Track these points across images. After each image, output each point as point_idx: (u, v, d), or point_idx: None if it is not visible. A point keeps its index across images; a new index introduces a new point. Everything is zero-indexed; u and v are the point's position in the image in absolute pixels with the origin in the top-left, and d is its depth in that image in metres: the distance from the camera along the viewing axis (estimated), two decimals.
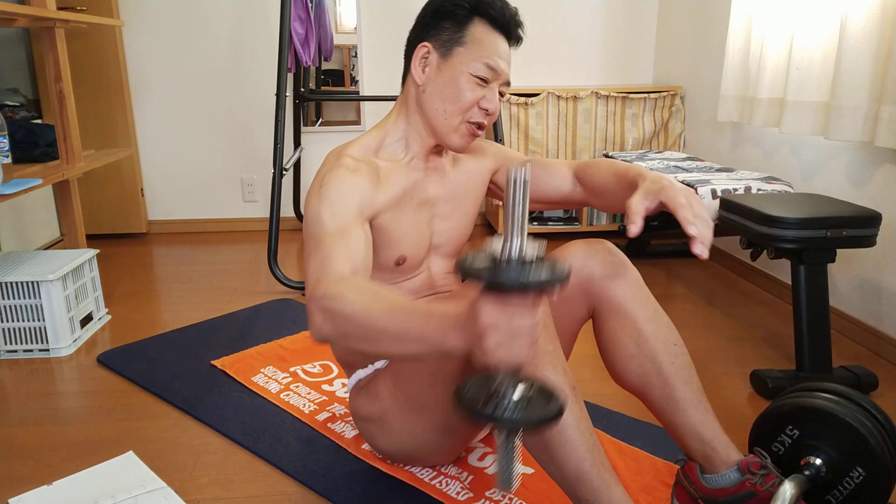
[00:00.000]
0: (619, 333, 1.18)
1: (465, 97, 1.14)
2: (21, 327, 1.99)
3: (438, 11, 1.15)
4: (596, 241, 1.21)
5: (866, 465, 1.11)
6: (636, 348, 1.17)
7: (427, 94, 1.17)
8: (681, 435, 1.16)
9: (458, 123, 1.17)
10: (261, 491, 1.35)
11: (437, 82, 1.16)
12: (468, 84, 1.14)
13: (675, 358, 1.16)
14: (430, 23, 1.17)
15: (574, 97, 3.18)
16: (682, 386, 1.15)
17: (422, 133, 1.22)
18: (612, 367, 1.22)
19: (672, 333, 1.19)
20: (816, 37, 2.07)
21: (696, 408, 1.15)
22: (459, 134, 1.18)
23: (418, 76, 1.18)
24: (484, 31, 1.14)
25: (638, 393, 1.20)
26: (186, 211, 3.51)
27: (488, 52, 1.14)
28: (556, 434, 0.98)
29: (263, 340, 2.04)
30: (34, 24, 2.20)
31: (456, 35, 1.14)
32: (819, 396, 1.16)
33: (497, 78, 1.16)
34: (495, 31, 1.15)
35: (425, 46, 1.16)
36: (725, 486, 1.11)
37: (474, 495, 1.29)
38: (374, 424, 1.27)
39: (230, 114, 3.40)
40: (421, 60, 1.17)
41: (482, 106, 1.16)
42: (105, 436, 1.56)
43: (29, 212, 2.94)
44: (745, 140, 2.71)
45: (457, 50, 1.14)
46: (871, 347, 2.01)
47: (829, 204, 1.80)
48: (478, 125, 1.18)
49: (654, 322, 1.17)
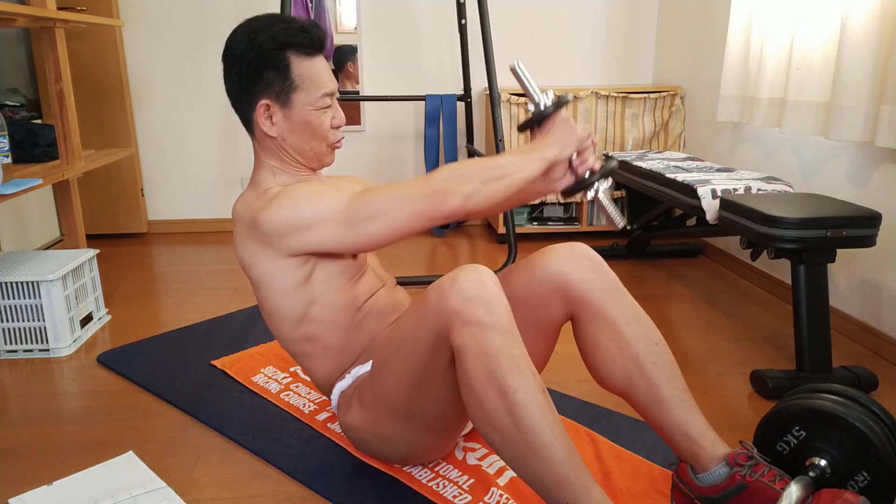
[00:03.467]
0: (599, 337, 1.19)
1: (322, 129, 1.25)
2: (21, 327, 1.99)
3: (255, 63, 1.19)
4: (573, 244, 1.23)
5: (872, 469, 1.10)
6: (618, 351, 1.18)
7: (288, 141, 1.25)
8: (668, 434, 1.17)
9: (325, 148, 1.28)
10: (261, 491, 1.35)
11: (292, 129, 1.24)
12: (317, 117, 1.23)
13: (657, 357, 1.18)
14: (251, 76, 1.20)
15: (574, 97, 3.18)
16: (665, 385, 1.16)
17: (299, 163, 1.29)
18: (594, 371, 1.23)
19: (653, 333, 1.20)
20: (816, 37, 2.07)
21: (680, 406, 1.16)
22: (329, 154, 1.30)
23: (269, 130, 1.24)
24: (304, 64, 1.20)
25: (623, 394, 1.20)
26: (186, 211, 3.51)
27: (319, 83, 1.21)
28: (532, 441, 0.98)
29: (263, 340, 2.04)
30: (34, 24, 2.20)
31: (286, 83, 1.20)
32: (827, 398, 1.16)
33: (334, 95, 1.25)
34: (312, 57, 1.21)
35: (265, 104, 1.21)
36: (717, 483, 1.12)
37: (473, 497, 1.29)
38: (364, 433, 1.28)
39: (230, 114, 3.38)
40: (265, 118, 1.23)
41: (334, 126, 1.26)
42: (105, 436, 1.56)
43: (29, 212, 2.94)
44: (745, 140, 2.71)
45: (294, 96, 1.21)
46: (871, 347, 2.01)
47: (829, 204, 1.80)
48: (337, 141, 1.28)
49: (634, 323, 1.19)
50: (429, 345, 1.08)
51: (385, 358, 1.18)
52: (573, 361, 1.78)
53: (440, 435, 1.27)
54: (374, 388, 1.21)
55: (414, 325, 1.11)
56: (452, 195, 1.09)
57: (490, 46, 2.70)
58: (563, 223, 3.38)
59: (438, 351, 1.08)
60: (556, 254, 1.22)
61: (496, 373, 0.99)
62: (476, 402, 1.01)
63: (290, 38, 1.18)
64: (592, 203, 3.36)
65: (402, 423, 1.21)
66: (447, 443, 1.33)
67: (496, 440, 1.01)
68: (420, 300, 1.11)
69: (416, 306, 1.12)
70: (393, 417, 1.21)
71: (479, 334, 1.00)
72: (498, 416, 0.99)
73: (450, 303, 1.02)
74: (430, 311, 1.06)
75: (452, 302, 1.02)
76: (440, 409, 1.17)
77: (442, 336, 1.05)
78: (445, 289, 1.04)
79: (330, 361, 1.30)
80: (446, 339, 1.05)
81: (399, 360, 1.14)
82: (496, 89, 2.75)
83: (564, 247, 1.23)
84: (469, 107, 3.26)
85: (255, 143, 1.29)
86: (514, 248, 2.75)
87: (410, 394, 1.15)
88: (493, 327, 1.00)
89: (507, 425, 0.99)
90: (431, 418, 1.20)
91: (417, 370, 1.12)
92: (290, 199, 1.16)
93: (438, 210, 1.09)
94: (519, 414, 0.98)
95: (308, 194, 1.17)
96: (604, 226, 3.36)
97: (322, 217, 1.14)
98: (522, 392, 0.98)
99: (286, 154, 1.27)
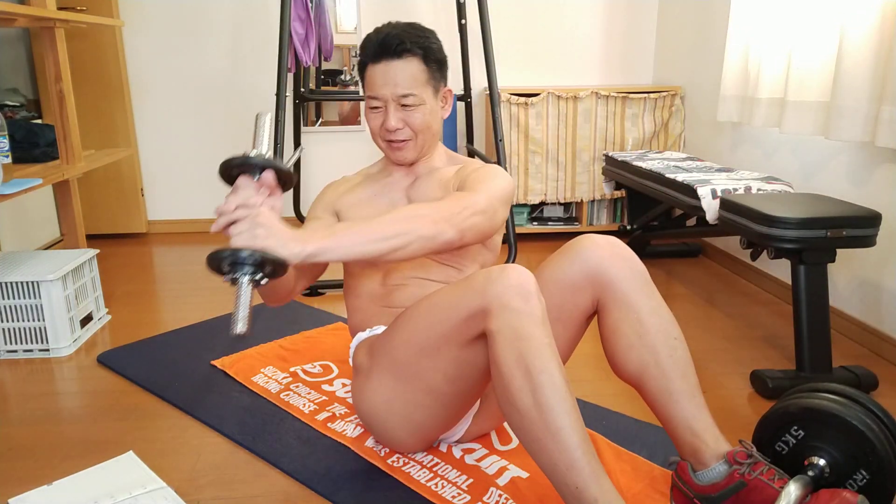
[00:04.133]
0: (621, 323, 1.22)
1: (372, 125, 1.41)
2: (21, 327, 1.99)
3: (357, 67, 1.45)
4: (610, 237, 1.28)
5: (870, 468, 1.11)
6: (637, 339, 1.20)
7: None
8: (673, 427, 1.18)
9: (382, 143, 1.42)
10: (261, 491, 1.35)
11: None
12: (370, 115, 1.40)
13: (674, 351, 1.19)
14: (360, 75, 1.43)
15: (574, 97, 3.18)
16: (678, 379, 1.18)
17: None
18: (611, 357, 1.25)
19: (673, 328, 1.22)
20: (817, 37, 2.07)
21: (689, 400, 1.17)
22: (388, 150, 1.43)
23: None
24: (368, 71, 1.38)
25: (635, 383, 1.22)
26: (186, 211, 3.51)
27: (370, 87, 1.38)
28: (550, 422, 1.02)
29: (263, 340, 2.04)
30: (34, 24, 2.20)
31: (362, 83, 1.41)
32: (825, 397, 1.16)
33: (386, 102, 1.36)
34: (375, 65, 1.36)
35: None
36: (716, 481, 1.12)
37: (472, 497, 1.29)
38: (361, 378, 1.34)
39: (230, 114, 3.40)
40: None
41: (384, 127, 1.38)
42: (105, 436, 1.56)
43: (29, 212, 2.94)
44: (745, 140, 2.71)
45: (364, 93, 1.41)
46: (871, 347, 2.01)
47: (829, 204, 1.80)
48: (391, 141, 1.40)
49: (656, 315, 1.22)
50: (459, 320, 1.14)
51: (409, 316, 1.24)
52: (573, 361, 1.78)
53: (425, 416, 1.29)
54: (387, 338, 1.28)
55: (451, 298, 1.16)
56: None
57: (490, 46, 2.70)
58: (563, 223, 3.38)
59: (464, 329, 1.14)
60: (592, 241, 1.26)
61: (525, 354, 1.04)
62: (502, 382, 1.06)
63: (363, 51, 1.38)
64: (592, 203, 3.36)
65: (394, 382, 1.26)
66: (429, 432, 1.34)
67: (516, 420, 1.06)
68: (465, 280, 1.17)
69: (459, 284, 1.17)
70: (389, 373, 1.26)
71: (515, 319, 1.06)
72: (521, 396, 1.04)
73: (495, 287, 1.09)
74: (473, 291, 1.12)
75: (497, 287, 1.09)
76: (436, 383, 1.21)
77: (476, 317, 1.11)
78: (494, 274, 1.11)
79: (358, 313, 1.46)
80: (478, 321, 1.11)
81: (422, 322, 1.20)
82: (496, 89, 2.75)
83: (601, 237, 1.28)
84: (469, 107, 3.26)
85: None
86: (515, 247, 2.74)
87: (415, 356, 1.21)
88: (529, 315, 1.07)
89: (528, 405, 1.03)
90: (423, 390, 1.23)
91: (434, 337, 1.18)
92: None
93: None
94: (540, 394, 1.03)
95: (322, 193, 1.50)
96: (604, 226, 3.36)
97: None
98: (547, 374, 1.03)
99: None
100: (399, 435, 1.34)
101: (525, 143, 3.22)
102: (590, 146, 3.26)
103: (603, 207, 3.38)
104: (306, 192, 3.42)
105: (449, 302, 1.17)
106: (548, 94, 3.17)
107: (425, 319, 1.20)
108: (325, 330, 2.15)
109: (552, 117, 3.21)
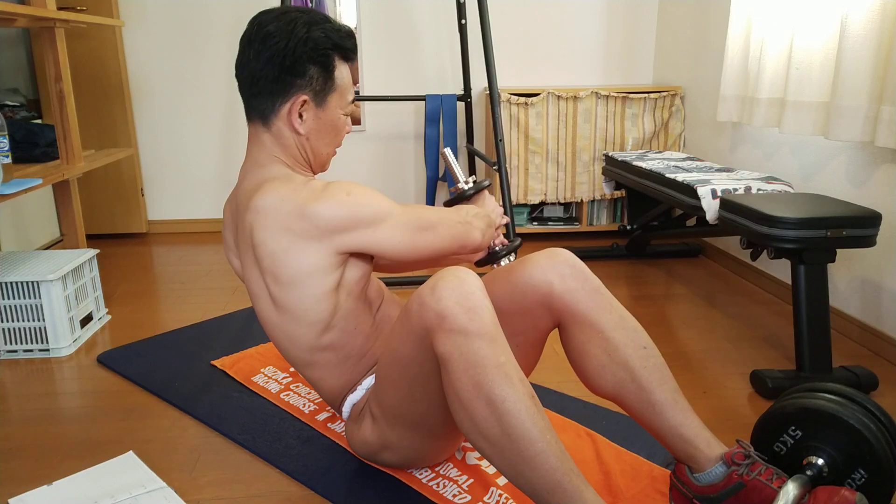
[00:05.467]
0: (587, 345, 1.18)
1: (342, 133, 1.27)
2: (21, 327, 1.99)
3: (303, 56, 1.16)
4: (553, 251, 1.21)
5: (868, 467, 1.11)
6: (607, 358, 1.17)
7: (311, 141, 1.23)
8: (663, 437, 1.17)
9: (334, 152, 1.29)
10: (261, 491, 1.35)
11: (319, 129, 1.22)
12: (343, 122, 1.25)
13: (647, 361, 1.17)
14: (294, 68, 1.16)
15: (574, 97, 3.18)
16: (657, 389, 1.15)
17: (308, 166, 1.27)
18: (585, 379, 1.22)
19: (641, 336, 1.19)
20: (816, 37, 2.07)
21: (673, 409, 1.15)
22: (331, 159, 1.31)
23: (298, 126, 1.20)
24: (344, 69, 1.22)
25: (615, 400, 1.20)
26: (186, 211, 3.51)
27: (350, 88, 1.25)
28: (523, 450, 0.96)
29: (263, 340, 2.04)
30: (34, 24, 2.20)
31: (327, 84, 1.19)
32: (822, 397, 1.16)
33: None
34: (349, 63, 1.24)
35: (303, 98, 1.18)
36: (714, 482, 1.12)
37: (472, 497, 1.29)
38: (375, 446, 1.28)
39: (230, 113, 3.40)
40: (297, 114, 1.19)
41: (347, 132, 1.28)
42: (105, 436, 1.56)
43: (29, 212, 2.94)
44: (745, 140, 2.71)
45: (330, 97, 1.21)
46: (871, 347, 2.01)
47: (829, 204, 1.80)
48: None
49: (621, 329, 1.18)
50: (418, 355, 1.07)
51: (383, 370, 1.18)
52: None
53: (448, 438, 1.27)
54: (379, 400, 1.21)
55: (401, 337, 1.10)
56: (475, 230, 1.27)
57: (490, 46, 2.70)
58: (563, 223, 3.38)
59: (428, 360, 1.06)
60: (536, 263, 1.20)
61: (483, 383, 0.97)
62: (464, 412, 0.99)
63: (341, 41, 1.19)
64: (592, 203, 3.36)
65: (409, 431, 1.21)
66: (455, 443, 1.33)
67: (487, 450, 1.00)
68: (404, 311, 1.09)
69: (402, 317, 1.10)
70: (400, 427, 1.21)
71: (464, 343, 0.98)
72: (488, 426, 0.97)
73: (430, 312, 1.00)
74: (413, 322, 1.04)
75: (433, 311, 1.00)
76: (444, 415, 1.14)
77: (428, 346, 1.04)
78: (425, 298, 1.02)
79: (347, 371, 1.27)
80: (427, 343, 1.03)
81: (395, 373, 1.14)
82: (496, 89, 2.75)
83: (544, 255, 1.21)
84: (469, 107, 3.26)
85: (269, 135, 1.21)
86: None
87: (412, 404, 1.15)
88: (478, 334, 0.98)
89: (497, 435, 0.97)
90: (437, 424, 1.19)
91: (414, 381, 1.11)
92: (348, 195, 1.11)
93: (467, 240, 1.25)
94: (509, 423, 0.96)
95: (365, 191, 1.14)
96: (604, 225, 3.36)
97: (382, 217, 1.13)
98: (511, 401, 0.96)
99: (302, 153, 1.23)
100: (427, 462, 1.34)
101: (525, 143, 3.22)
102: (590, 146, 3.26)
103: (603, 207, 3.38)
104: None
105: (401, 343, 1.10)
106: (548, 94, 3.17)
107: (395, 366, 1.13)
108: None
109: (552, 117, 3.21)
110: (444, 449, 1.32)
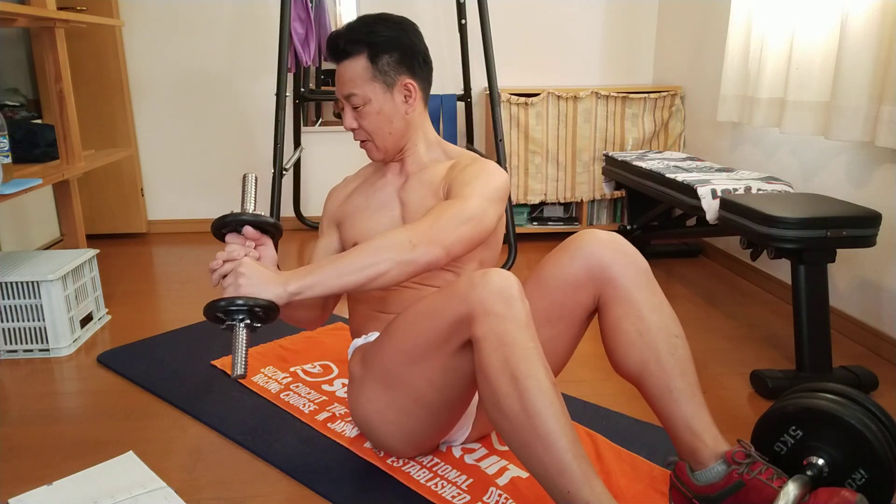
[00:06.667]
0: (622, 321, 1.21)
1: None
2: (21, 327, 1.99)
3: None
4: (612, 233, 1.26)
5: (869, 467, 1.11)
6: (637, 336, 1.19)
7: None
8: (672, 425, 1.17)
9: None
10: (261, 491, 1.35)
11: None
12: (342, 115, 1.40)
13: (675, 350, 1.19)
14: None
15: (574, 97, 3.18)
16: (678, 377, 1.17)
17: None
18: (612, 354, 1.24)
19: (675, 326, 1.21)
20: (816, 37, 2.07)
21: (689, 399, 1.16)
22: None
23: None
24: None
25: (635, 381, 1.21)
26: (186, 211, 3.51)
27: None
28: (539, 427, 1.01)
29: (263, 340, 2.04)
30: (34, 24, 2.20)
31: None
32: (823, 397, 1.16)
33: (343, 103, 1.37)
34: (336, 66, 1.36)
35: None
36: (714, 481, 1.12)
37: (472, 497, 1.29)
38: (357, 385, 1.34)
39: (230, 113, 3.40)
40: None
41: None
42: (105, 436, 1.56)
43: (29, 212, 2.94)
44: (745, 140, 2.71)
45: None
46: (871, 347, 2.01)
47: (829, 204, 1.80)
48: (361, 141, 1.40)
49: (657, 312, 1.21)
50: (445, 327, 1.13)
51: (398, 325, 1.24)
52: (573, 362, 1.78)
53: (415, 425, 1.28)
54: (377, 347, 1.28)
55: (437, 306, 1.16)
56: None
57: (490, 46, 2.70)
58: (563, 223, 3.38)
59: (451, 336, 1.13)
60: (594, 236, 1.25)
61: (511, 359, 1.04)
62: (489, 388, 1.06)
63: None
64: (592, 203, 3.36)
65: (384, 391, 1.26)
66: (422, 439, 1.34)
67: (505, 427, 1.05)
68: (449, 286, 1.16)
69: (444, 291, 1.17)
70: (379, 382, 1.26)
71: (499, 324, 1.06)
72: (509, 402, 1.03)
73: (477, 293, 1.09)
74: (457, 298, 1.12)
75: (480, 293, 1.09)
76: (424, 391, 1.21)
77: (460, 323, 1.11)
78: (476, 280, 1.11)
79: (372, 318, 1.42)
80: (463, 327, 1.10)
81: (410, 330, 1.20)
82: (496, 89, 2.75)
83: (603, 232, 1.26)
84: (469, 107, 3.26)
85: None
86: (515, 248, 2.74)
87: (404, 364, 1.21)
88: (512, 320, 1.06)
89: (516, 411, 1.03)
90: (412, 399, 1.23)
91: (421, 345, 1.17)
92: None
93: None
94: (528, 399, 1.02)
95: None
96: (604, 225, 3.36)
97: None
98: (533, 379, 1.03)
99: None
100: (392, 442, 1.34)
101: (525, 143, 3.22)
102: (590, 146, 3.26)
103: (603, 207, 3.39)
104: (306, 192, 3.41)
105: (434, 309, 1.16)
106: (548, 94, 3.17)
107: (412, 328, 1.20)
108: (325, 330, 2.15)
109: (552, 117, 3.21)
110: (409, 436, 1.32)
